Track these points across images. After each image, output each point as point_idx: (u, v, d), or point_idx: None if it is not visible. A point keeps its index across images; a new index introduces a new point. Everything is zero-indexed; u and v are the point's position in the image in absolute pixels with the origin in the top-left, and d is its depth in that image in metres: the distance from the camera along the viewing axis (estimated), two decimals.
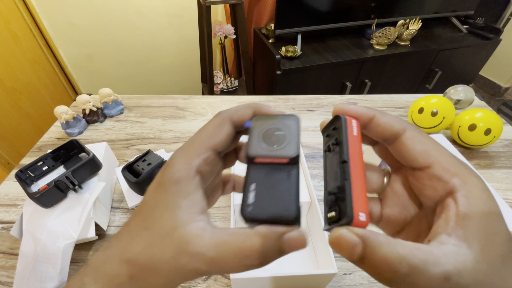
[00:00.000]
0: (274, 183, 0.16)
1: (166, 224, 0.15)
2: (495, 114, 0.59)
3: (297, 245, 0.14)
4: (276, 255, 0.15)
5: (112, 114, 0.74)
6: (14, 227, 0.41)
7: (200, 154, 0.17)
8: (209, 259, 0.14)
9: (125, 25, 1.47)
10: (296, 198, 0.16)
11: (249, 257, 0.14)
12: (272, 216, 0.15)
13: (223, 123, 0.18)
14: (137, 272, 0.16)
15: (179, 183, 0.16)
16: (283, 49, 1.39)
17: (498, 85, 2.18)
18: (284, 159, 0.17)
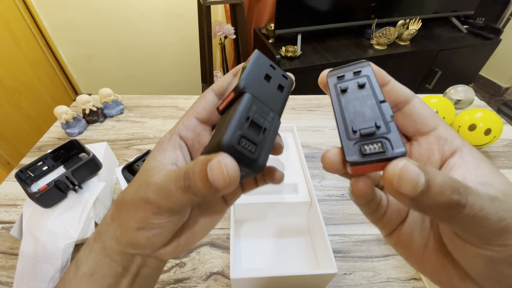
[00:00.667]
0: (225, 120, 0.16)
1: (142, 171, 0.18)
2: (495, 114, 0.59)
3: (217, 172, 0.13)
4: (201, 182, 0.14)
5: (112, 114, 0.74)
6: (14, 227, 0.41)
7: (183, 122, 0.20)
8: (157, 186, 0.16)
9: (125, 25, 1.47)
10: (234, 124, 0.14)
11: (181, 178, 0.15)
12: (211, 147, 0.15)
13: (205, 94, 0.20)
14: (115, 210, 0.18)
15: (161, 143, 0.19)
16: (283, 49, 1.39)
17: (498, 85, 2.18)
18: (231, 94, 0.17)
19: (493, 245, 0.12)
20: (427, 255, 0.16)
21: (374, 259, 0.45)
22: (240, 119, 0.15)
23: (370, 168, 0.14)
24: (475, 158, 0.15)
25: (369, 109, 0.15)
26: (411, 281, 0.42)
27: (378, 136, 0.14)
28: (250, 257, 0.44)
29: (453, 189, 0.11)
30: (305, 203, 0.46)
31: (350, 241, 0.47)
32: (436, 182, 0.11)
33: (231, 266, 0.35)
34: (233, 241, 0.38)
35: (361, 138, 0.14)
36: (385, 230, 0.18)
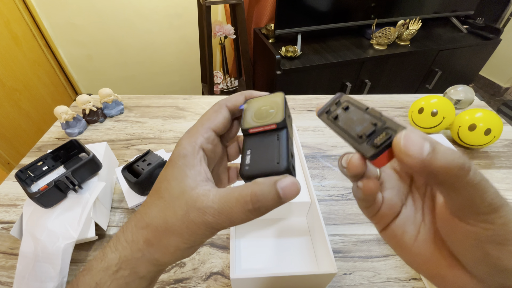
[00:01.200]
0: (266, 146, 0.19)
1: (176, 190, 0.18)
2: (495, 114, 0.59)
3: (290, 190, 0.16)
4: (272, 201, 0.16)
5: (112, 114, 0.74)
6: (14, 227, 0.41)
7: (202, 134, 0.20)
8: (215, 210, 0.16)
9: (125, 25, 1.47)
10: (285, 152, 0.18)
11: (248, 202, 0.16)
12: (266, 170, 0.18)
13: (220, 108, 0.21)
14: (152, 235, 0.18)
15: (186, 157, 0.19)
16: (283, 49, 1.39)
17: (498, 85, 2.18)
18: (273, 125, 0.19)
19: (483, 222, 0.13)
20: (417, 246, 0.17)
21: (374, 259, 0.45)
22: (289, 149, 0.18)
23: (387, 155, 0.15)
24: None
25: (361, 118, 0.18)
26: (411, 281, 0.42)
27: (380, 129, 0.16)
28: (250, 257, 0.44)
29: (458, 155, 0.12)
30: (305, 203, 0.46)
31: (350, 241, 0.47)
32: (441, 147, 0.13)
33: (231, 266, 0.35)
34: (233, 241, 0.38)
35: (368, 137, 0.16)
36: (379, 225, 0.19)
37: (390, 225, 0.19)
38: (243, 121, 0.21)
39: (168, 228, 0.17)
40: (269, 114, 0.20)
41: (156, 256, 0.18)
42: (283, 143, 0.19)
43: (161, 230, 0.17)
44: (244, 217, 0.16)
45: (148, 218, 0.18)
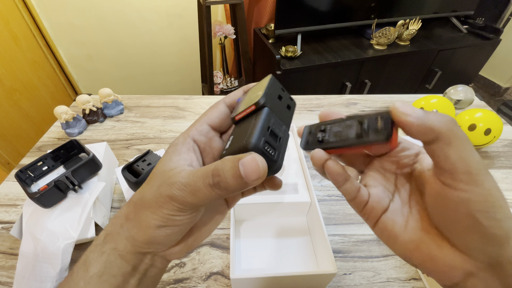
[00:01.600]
0: (244, 128, 0.19)
1: (158, 171, 0.19)
2: (495, 114, 0.59)
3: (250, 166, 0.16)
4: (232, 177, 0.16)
5: (112, 114, 0.74)
6: (14, 227, 0.41)
7: (196, 127, 0.21)
8: (181, 184, 0.17)
9: (125, 25, 1.47)
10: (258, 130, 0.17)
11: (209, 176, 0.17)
12: (235, 149, 0.17)
13: (217, 104, 0.22)
14: (131, 210, 0.19)
15: (176, 145, 0.20)
16: (283, 49, 1.39)
17: (498, 85, 2.18)
18: (251, 107, 0.19)
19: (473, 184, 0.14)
20: (407, 234, 0.18)
21: (374, 259, 0.45)
22: (263, 127, 0.18)
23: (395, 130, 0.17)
24: None
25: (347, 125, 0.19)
26: (411, 281, 0.42)
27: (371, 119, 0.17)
28: (250, 257, 0.44)
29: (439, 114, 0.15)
30: (305, 203, 0.46)
31: (350, 241, 0.47)
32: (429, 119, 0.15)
33: (231, 266, 0.35)
34: (233, 241, 0.38)
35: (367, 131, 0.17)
36: (370, 221, 0.20)
37: (380, 219, 0.20)
38: (234, 111, 0.21)
39: (143, 203, 0.18)
40: (254, 98, 0.20)
41: (132, 232, 0.19)
42: (259, 121, 0.18)
43: (138, 205, 0.19)
44: (206, 192, 0.17)
45: (132, 196, 0.20)
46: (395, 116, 0.16)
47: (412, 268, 0.43)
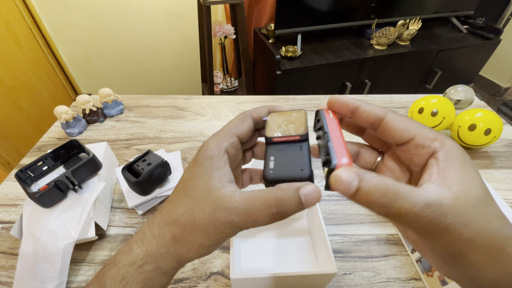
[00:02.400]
0: (289, 154, 0.20)
1: (203, 189, 0.19)
2: (495, 114, 0.59)
3: (312, 197, 0.17)
4: (294, 206, 0.17)
5: (112, 114, 0.74)
6: (14, 227, 0.41)
7: (228, 138, 0.21)
8: (241, 211, 0.17)
9: (125, 25, 1.47)
10: (308, 162, 0.19)
11: (272, 206, 0.17)
12: (290, 176, 0.18)
13: (246, 117, 0.22)
14: (179, 231, 0.18)
15: (213, 158, 0.19)
16: (283, 49, 1.39)
17: (498, 85, 2.18)
18: (297, 136, 0.21)
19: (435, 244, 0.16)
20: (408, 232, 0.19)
21: (374, 259, 0.45)
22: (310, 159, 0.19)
23: None
24: (448, 159, 0.16)
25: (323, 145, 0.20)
26: (411, 281, 0.42)
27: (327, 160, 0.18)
28: (250, 257, 0.44)
29: (382, 194, 0.15)
30: None
31: (350, 241, 0.47)
32: (366, 187, 0.15)
33: (231, 266, 0.35)
34: (233, 241, 0.38)
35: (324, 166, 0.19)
36: None
37: None
38: (267, 130, 0.22)
39: (195, 225, 0.18)
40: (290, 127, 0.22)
41: (180, 252, 0.19)
42: (306, 152, 0.20)
43: (188, 227, 0.18)
44: (267, 220, 0.17)
45: (175, 215, 0.19)
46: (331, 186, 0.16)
47: (412, 268, 0.43)
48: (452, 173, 0.16)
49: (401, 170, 0.21)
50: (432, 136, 0.17)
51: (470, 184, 0.15)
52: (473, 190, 0.15)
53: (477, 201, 0.15)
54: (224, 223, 0.17)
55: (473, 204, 0.15)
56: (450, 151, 0.17)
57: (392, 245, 0.46)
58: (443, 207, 0.14)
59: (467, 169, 0.16)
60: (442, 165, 0.16)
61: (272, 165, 0.20)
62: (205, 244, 0.18)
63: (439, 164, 0.16)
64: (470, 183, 0.15)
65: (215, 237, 0.18)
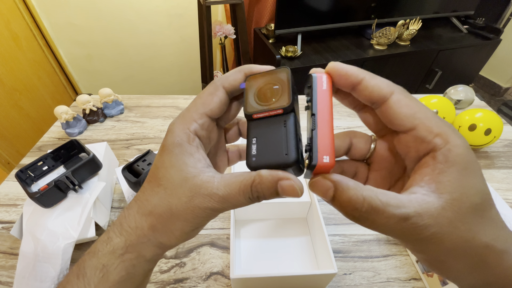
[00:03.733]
0: (273, 133, 0.18)
1: (176, 178, 0.18)
2: (495, 114, 0.59)
3: (289, 192, 0.16)
4: (270, 195, 0.17)
5: (112, 114, 0.74)
6: (14, 227, 0.41)
7: (196, 119, 0.19)
8: (220, 197, 0.17)
9: (125, 25, 1.47)
10: (294, 141, 0.17)
11: (249, 191, 0.17)
12: (273, 162, 0.17)
13: (215, 90, 0.19)
14: (156, 221, 0.18)
15: (181, 146, 0.18)
16: (283, 49, 1.39)
17: (498, 85, 2.18)
18: (279, 110, 0.18)
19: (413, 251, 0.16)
20: None
21: (374, 259, 0.45)
22: (297, 137, 0.17)
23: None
24: (447, 161, 0.15)
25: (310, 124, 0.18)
26: (411, 281, 0.42)
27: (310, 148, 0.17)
28: (250, 257, 0.44)
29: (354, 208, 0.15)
30: (305, 203, 0.46)
31: (350, 241, 0.47)
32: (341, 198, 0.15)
33: (231, 266, 0.35)
34: (233, 241, 0.38)
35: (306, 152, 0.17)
36: None
37: None
38: (245, 104, 0.19)
39: (173, 214, 0.17)
40: (274, 94, 0.19)
41: (161, 240, 0.18)
42: (291, 130, 0.17)
43: (165, 217, 0.18)
44: (245, 203, 0.17)
45: (150, 206, 0.18)
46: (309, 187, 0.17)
47: (412, 268, 0.43)
48: (447, 178, 0.14)
49: (395, 162, 0.19)
50: (437, 130, 0.15)
51: (467, 192, 0.14)
52: (467, 199, 0.14)
53: (469, 211, 0.14)
54: (203, 208, 0.17)
55: (463, 214, 0.14)
56: (452, 151, 0.15)
57: (392, 245, 0.46)
58: (425, 218, 0.14)
59: (468, 175, 0.14)
60: (438, 167, 0.15)
61: (255, 149, 0.18)
62: (186, 230, 0.18)
63: (435, 165, 0.15)
64: (467, 191, 0.14)
65: (194, 222, 0.18)
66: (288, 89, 0.18)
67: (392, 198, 0.14)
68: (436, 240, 0.14)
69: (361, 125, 0.71)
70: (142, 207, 0.18)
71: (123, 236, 0.18)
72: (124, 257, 0.18)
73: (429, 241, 0.14)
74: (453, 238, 0.14)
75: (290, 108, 0.18)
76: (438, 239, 0.14)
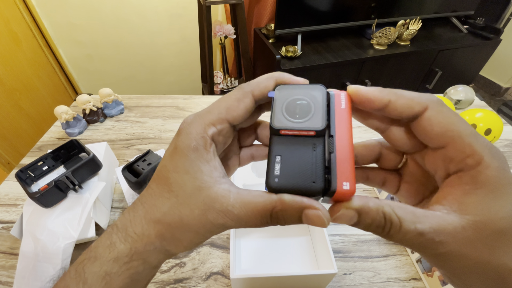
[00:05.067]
0: (300, 155, 0.16)
1: (189, 186, 0.16)
2: (495, 114, 0.59)
3: (315, 222, 0.15)
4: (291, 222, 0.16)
5: (112, 114, 0.74)
6: (14, 227, 0.41)
7: (216, 124, 0.17)
8: (235, 216, 0.16)
9: (125, 25, 1.47)
10: (322, 169, 0.16)
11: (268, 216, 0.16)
12: (298, 187, 0.15)
13: (243, 97, 0.18)
14: (166, 231, 0.17)
15: (198, 150, 0.17)
16: (283, 49, 1.39)
17: (498, 85, 2.18)
18: (311, 132, 0.16)
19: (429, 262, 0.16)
20: None
21: (374, 259, 0.45)
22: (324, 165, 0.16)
23: None
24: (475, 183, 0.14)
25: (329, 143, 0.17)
26: (411, 281, 0.42)
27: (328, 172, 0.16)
28: (250, 257, 0.44)
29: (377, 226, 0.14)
30: None
31: (350, 241, 0.47)
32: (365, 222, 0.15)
33: (231, 266, 0.35)
34: (233, 241, 0.38)
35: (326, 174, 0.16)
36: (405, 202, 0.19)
37: None
38: (272, 116, 0.17)
39: (184, 226, 0.17)
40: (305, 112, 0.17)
41: (168, 248, 0.18)
42: (320, 156, 0.16)
43: (175, 227, 0.17)
44: (260, 225, 0.17)
45: (159, 213, 0.17)
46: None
47: (412, 268, 0.43)
48: (473, 200, 0.14)
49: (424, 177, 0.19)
50: (469, 150, 0.14)
51: (493, 216, 0.13)
52: (492, 223, 0.13)
53: (493, 234, 0.13)
54: (216, 224, 0.16)
55: (486, 236, 0.13)
56: (482, 173, 0.14)
57: (392, 245, 0.46)
58: (441, 235, 0.14)
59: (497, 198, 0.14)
60: (464, 188, 0.14)
61: (278, 169, 0.16)
62: (195, 242, 0.18)
63: (461, 186, 0.14)
64: (493, 215, 0.13)
65: (206, 235, 0.17)
66: (323, 109, 0.17)
67: (408, 213, 0.14)
68: (453, 257, 0.14)
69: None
70: (150, 213, 0.17)
71: (128, 243, 0.17)
72: (129, 265, 0.17)
73: (447, 257, 0.14)
74: (473, 257, 0.14)
75: (323, 132, 0.16)
76: (456, 257, 0.14)
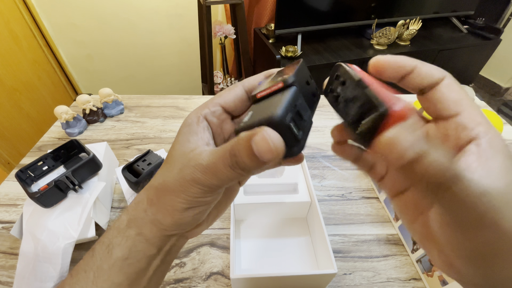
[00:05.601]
0: (267, 104, 0.17)
1: (177, 153, 0.19)
2: (495, 114, 0.59)
3: (262, 146, 0.14)
4: (247, 157, 0.15)
5: (112, 114, 0.74)
6: (14, 227, 0.41)
7: (209, 107, 0.20)
8: (203, 167, 0.17)
9: (125, 25, 1.47)
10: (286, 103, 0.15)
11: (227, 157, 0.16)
12: (256, 121, 0.15)
13: (234, 87, 0.21)
14: (153, 195, 0.19)
15: (190, 125, 0.19)
16: (283, 49, 1.39)
17: (498, 85, 2.18)
18: (279, 83, 0.17)
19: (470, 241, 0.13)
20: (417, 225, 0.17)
21: (374, 259, 0.45)
22: (290, 103, 0.16)
23: None
24: (492, 148, 0.14)
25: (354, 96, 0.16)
26: (411, 281, 0.42)
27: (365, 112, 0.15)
28: (250, 257, 0.44)
29: (441, 169, 0.12)
30: (305, 203, 0.46)
31: (350, 241, 0.47)
32: (428, 158, 0.12)
33: (231, 266, 0.35)
34: (233, 241, 0.38)
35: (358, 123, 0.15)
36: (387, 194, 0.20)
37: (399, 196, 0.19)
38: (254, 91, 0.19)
39: (165, 187, 0.18)
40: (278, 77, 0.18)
41: (157, 217, 0.19)
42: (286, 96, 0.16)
43: (160, 189, 0.18)
44: (228, 173, 0.16)
45: (152, 181, 0.19)
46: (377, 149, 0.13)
47: (412, 268, 0.43)
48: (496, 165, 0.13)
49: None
50: (479, 119, 0.15)
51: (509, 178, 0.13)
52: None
53: None
54: (189, 180, 0.17)
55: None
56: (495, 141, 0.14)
57: (392, 245, 0.46)
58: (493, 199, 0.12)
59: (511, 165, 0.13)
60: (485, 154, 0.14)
61: (246, 118, 0.17)
62: (177, 207, 0.18)
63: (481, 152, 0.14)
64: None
65: (184, 197, 0.17)
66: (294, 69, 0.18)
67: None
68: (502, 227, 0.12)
69: None
70: (148, 184, 0.20)
71: (128, 212, 0.20)
72: (126, 232, 0.19)
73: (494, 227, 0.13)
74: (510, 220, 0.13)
75: (291, 80, 0.17)
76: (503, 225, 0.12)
